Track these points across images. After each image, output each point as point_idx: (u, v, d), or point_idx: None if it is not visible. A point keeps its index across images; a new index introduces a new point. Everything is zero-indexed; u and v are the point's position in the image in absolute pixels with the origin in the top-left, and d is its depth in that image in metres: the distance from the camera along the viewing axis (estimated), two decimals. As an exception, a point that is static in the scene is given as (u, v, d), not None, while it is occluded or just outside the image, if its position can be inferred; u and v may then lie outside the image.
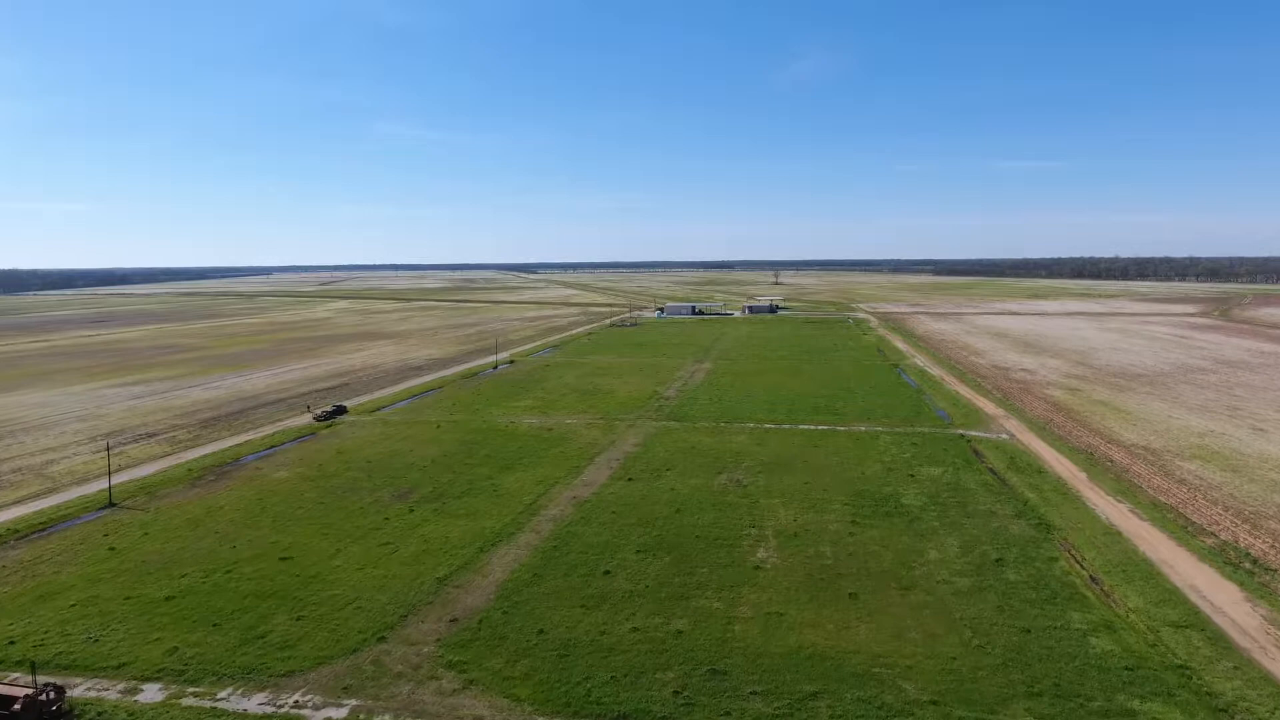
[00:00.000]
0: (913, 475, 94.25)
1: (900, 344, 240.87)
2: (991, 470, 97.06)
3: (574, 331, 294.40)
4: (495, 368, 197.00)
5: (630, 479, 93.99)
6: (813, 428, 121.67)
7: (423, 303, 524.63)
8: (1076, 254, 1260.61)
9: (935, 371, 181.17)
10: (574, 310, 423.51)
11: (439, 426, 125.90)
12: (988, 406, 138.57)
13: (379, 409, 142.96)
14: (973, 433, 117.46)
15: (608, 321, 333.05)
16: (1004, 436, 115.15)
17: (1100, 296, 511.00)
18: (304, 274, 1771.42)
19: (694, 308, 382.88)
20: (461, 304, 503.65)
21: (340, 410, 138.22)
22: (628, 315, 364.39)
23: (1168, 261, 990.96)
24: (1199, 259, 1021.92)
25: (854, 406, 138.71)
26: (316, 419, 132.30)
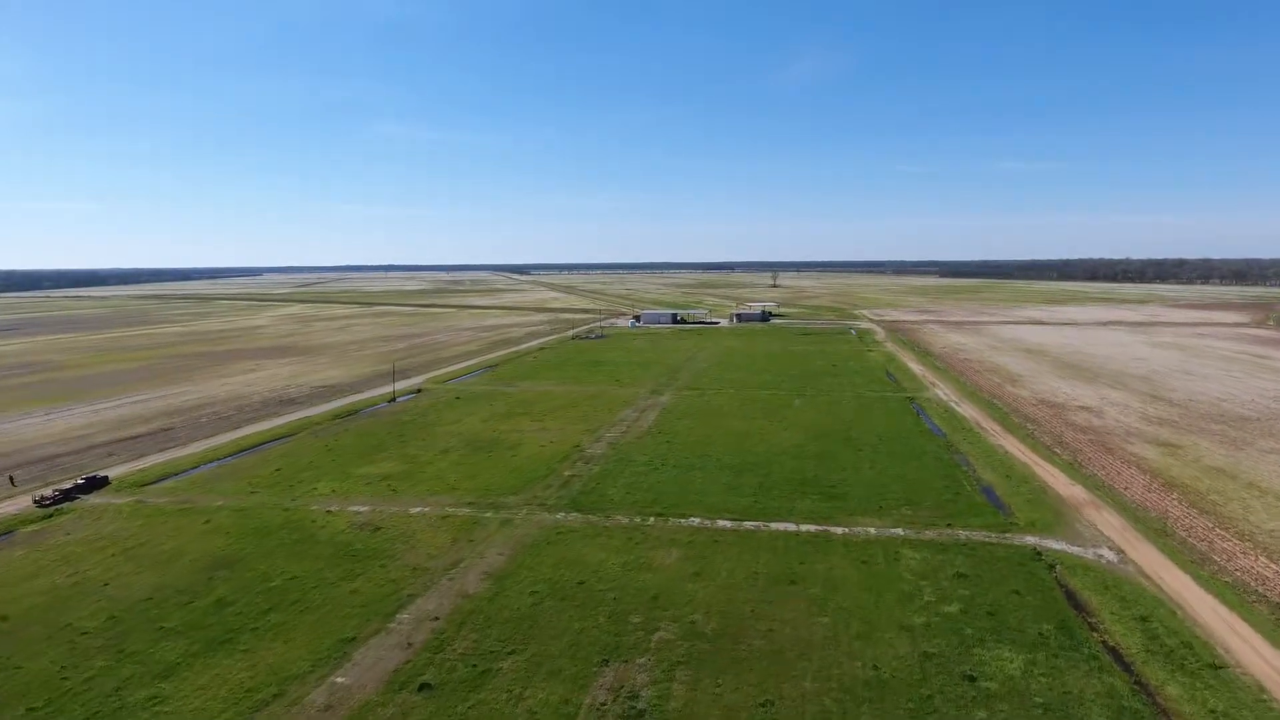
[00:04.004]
0: (973, 678, 48.84)
1: (914, 365, 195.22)
2: (1116, 656, 51.64)
3: (525, 346, 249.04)
4: (392, 400, 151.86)
5: (425, 685, 48.69)
6: (793, 529, 76.23)
7: (382, 307, 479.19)
8: (1080, 255, 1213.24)
9: (966, 411, 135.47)
10: (541, 318, 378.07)
11: (208, 521, 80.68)
12: (1057, 480, 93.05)
13: (163, 478, 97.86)
14: (1051, 544, 71.96)
15: (570, 333, 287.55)
16: (1106, 554, 69.68)
17: (1127, 302, 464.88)
18: (296, 274, 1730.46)
19: (675, 315, 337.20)
20: (423, 309, 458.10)
21: (93, 485, 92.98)
22: (595, 325, 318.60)
23: (1183, 263, 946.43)
24: (1212, 260, 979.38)
25: (858, 478, 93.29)
26: (40, 504, 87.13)
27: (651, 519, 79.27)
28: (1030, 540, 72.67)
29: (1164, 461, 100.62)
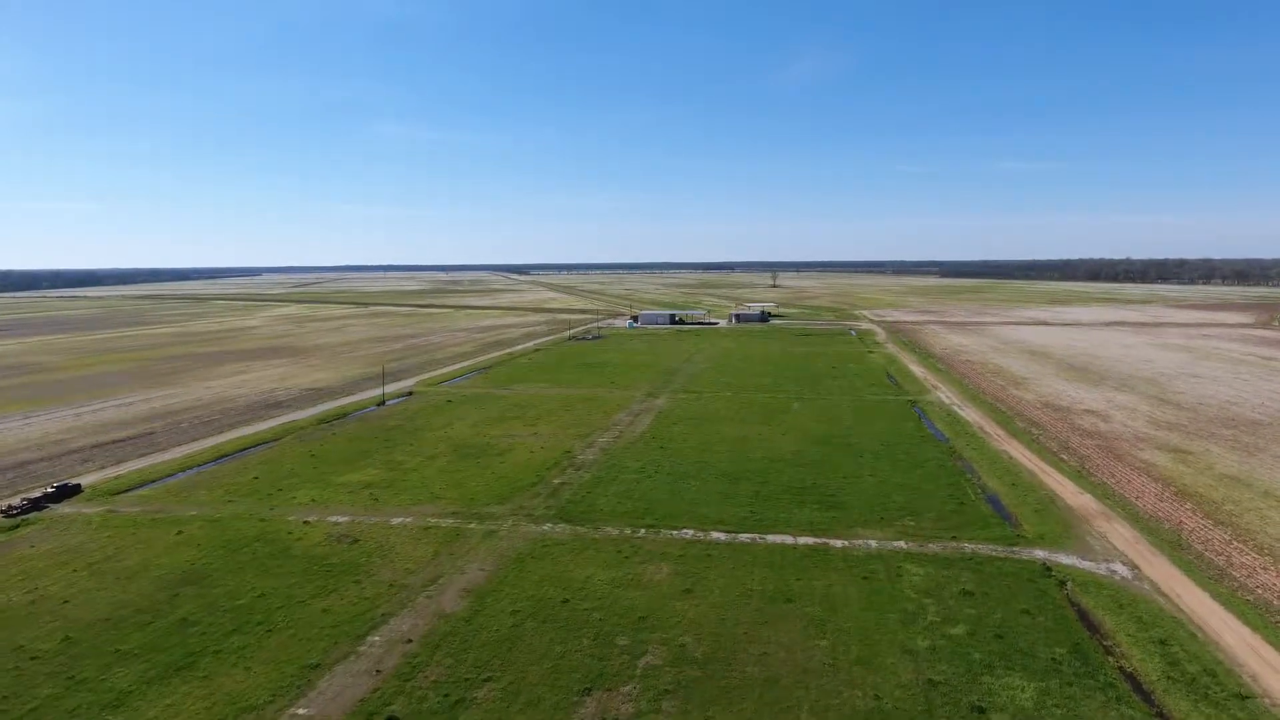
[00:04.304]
0: (982, 709, 45.45)
1: (915, 367, 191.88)
2: (1135, 684, 48.22)
3: (520, 347, 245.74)
4: (381, 404, 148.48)
5: (392, 718, 45.28)
6: (790, 541, 72.82)
7: (378, 307, 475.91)
8: (1081, 255, 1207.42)
9: (969, 414, 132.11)
10: (539, 319, 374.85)
11: (180, 532, 77.28)
12: (1064, 489, 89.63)
13: (138, 486, 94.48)
14: (1061, 558, 68.55)
15: (567, 334, 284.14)
16: (1119, 570, 66.22)
17: (1130, 302, 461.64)
18: (295, 275, 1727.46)
19: (673, 316, 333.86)
20: (420, 309, 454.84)
21: (64, 493, 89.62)
22: (593, 325, 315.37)
23: (1184, 264, 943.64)
24: (1213, 260, 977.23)
25: (858, 487, 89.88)
26: (7, 514, 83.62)
27: (642, 531, 75.86)
28: (1039, 554, 69.25)
29: (1175, 469, 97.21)
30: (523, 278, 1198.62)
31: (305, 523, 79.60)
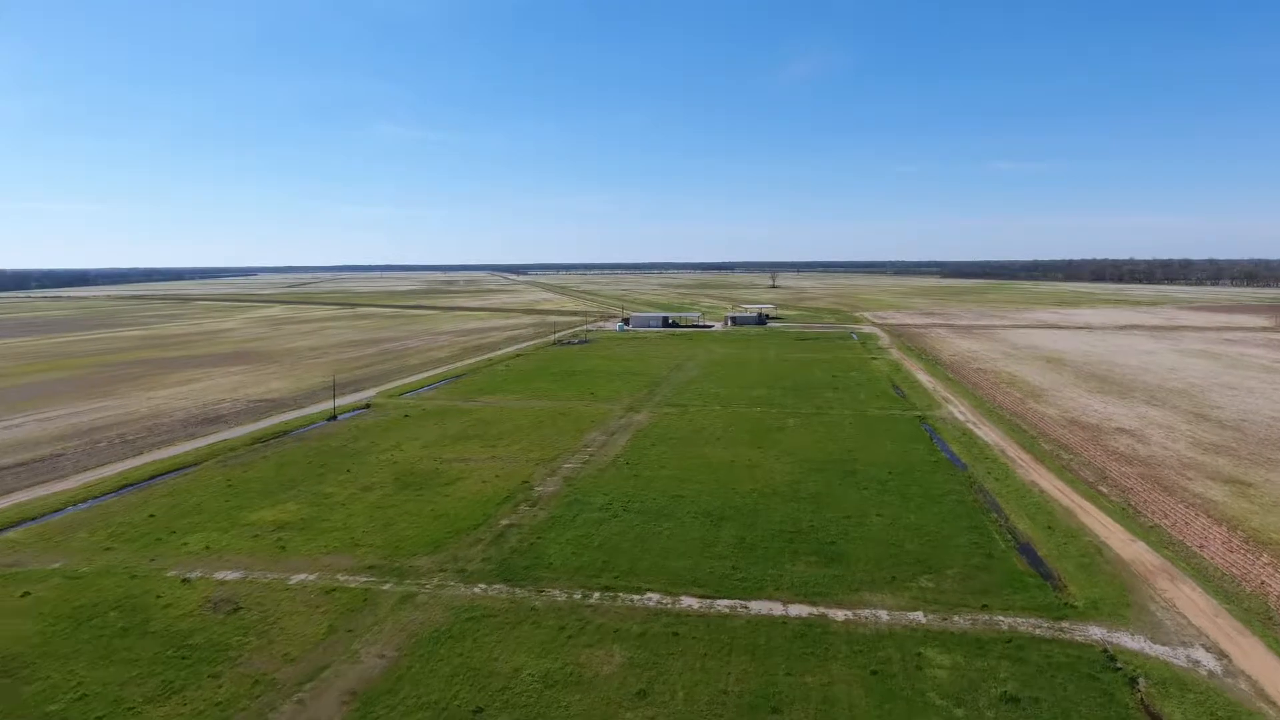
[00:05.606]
0: None
1: (922, 375, 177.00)
2: None
3: (500, 353, 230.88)
4: (333, 418, 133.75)
5: None
6: (780, 613, 57.97)
7: (364, 309, 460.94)
8: (1083, 255, 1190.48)
9: (987, 435, 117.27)
10: (527, 321, 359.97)
11: (26, 595, 62.48)
12: (1111, 534, 74.76)
13: (11, 526, 79.67)
14: (1124, 639, 53.71)
15: (552, 338, 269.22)
16: (1204, 660, 51.34)
17: (1139, 304, 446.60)
18: (291, 275, 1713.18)
19: (665, 318, 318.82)
20: (405, 311, 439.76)
21: (-89, 537, 74.96)
22: (581, 328, 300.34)
23: (1189, 264, 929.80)
24: (1219, 261, 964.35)
25: (863, 531, 75.04)
26: None
27: (596, 595, 61.02)
28: (1095, 633, 54.39)
29: (1237, 505, 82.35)
30: (520, 278, 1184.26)
31: (184, 581, 64.79)
